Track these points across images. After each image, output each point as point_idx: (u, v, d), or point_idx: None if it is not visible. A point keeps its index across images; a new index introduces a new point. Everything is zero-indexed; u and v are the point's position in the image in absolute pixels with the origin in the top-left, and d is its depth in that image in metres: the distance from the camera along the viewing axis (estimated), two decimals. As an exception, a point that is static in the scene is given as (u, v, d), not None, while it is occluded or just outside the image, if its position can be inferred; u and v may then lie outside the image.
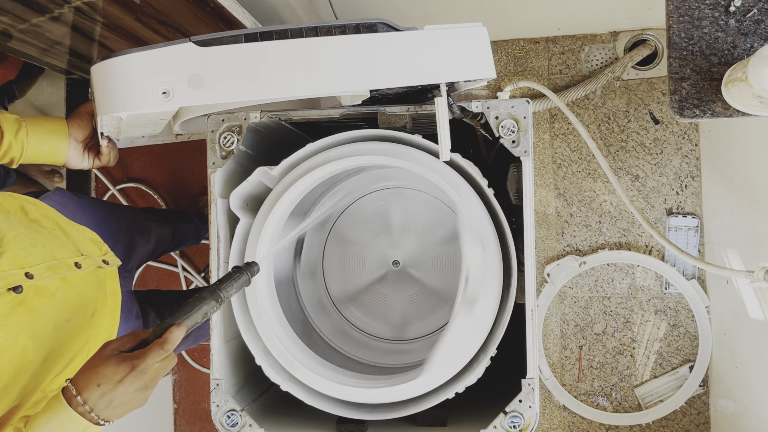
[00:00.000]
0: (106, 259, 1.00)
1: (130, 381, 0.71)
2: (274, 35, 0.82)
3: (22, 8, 1.17)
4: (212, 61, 0.82)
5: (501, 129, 0.97)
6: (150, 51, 0.81)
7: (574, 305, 1.80)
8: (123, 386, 0.71)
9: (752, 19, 0.95)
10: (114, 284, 1.01)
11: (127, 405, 0.73)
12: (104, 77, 0.83)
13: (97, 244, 1.03)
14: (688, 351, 1.73)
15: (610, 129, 1.77)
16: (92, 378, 0.71)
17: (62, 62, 1.56)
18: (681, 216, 1.72)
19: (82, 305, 0.89)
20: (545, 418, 1.81)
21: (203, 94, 0.82)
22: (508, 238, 0.97)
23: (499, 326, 0.97)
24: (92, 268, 0.94)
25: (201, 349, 1.98)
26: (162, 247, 1.47)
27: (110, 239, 1.09)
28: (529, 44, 1.80)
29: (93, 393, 0.70)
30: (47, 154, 1.02)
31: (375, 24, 0.84)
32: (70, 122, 1.04)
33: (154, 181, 2.00)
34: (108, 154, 1.09)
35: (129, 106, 0.82)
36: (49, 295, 0.83)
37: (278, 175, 1.02)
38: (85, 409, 0.70)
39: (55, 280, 0.85)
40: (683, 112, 0.96)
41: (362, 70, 0.84)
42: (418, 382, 0.96)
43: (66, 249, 0.91)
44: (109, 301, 0.98)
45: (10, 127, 0.96)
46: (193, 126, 1.14)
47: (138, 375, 0.72)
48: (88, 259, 0.94)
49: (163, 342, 0.74)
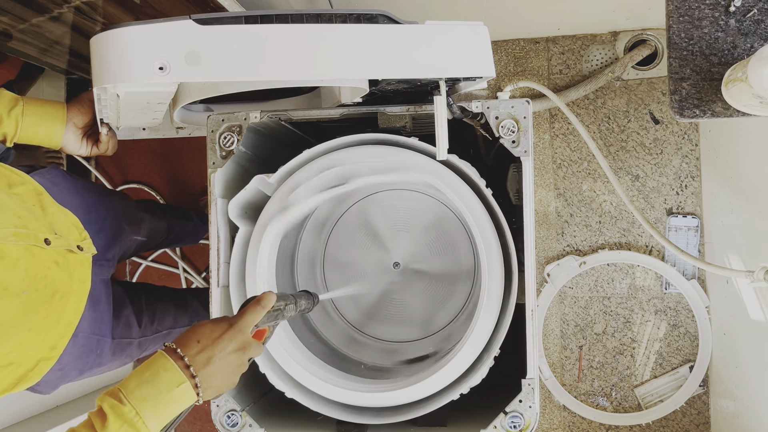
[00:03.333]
0: (81, 245, 0.97)
1: (229, 337, 0.72)
2: (274, 19, 0.83)
3: (22, 8, 1.17)
4: (211, 40, 0.81)
5: (501, 129, 0.96)
6: (149, 25, 0.81)
7: (574, 305, 1.79)
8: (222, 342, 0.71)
9: (752, 19, 0.95)
10: (84, 272, 0.98)
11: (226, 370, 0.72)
12: (102, 48, 0.83)
13: (77, 229, 1.00)
14: (688, 351, 1.73)
15: (610, 129, 1.77)
16: (191, 336, 0.71)
17: (62, 62, 1.56)
18: (681, 216, 1.72)
19: (42, 281, 0.86)
20: (545, 418, 1.81)
21: (200, 72, 0.81)
22: (508, 238, 0.97)
23: (502, 326, 0.97)
24: (62, 249, 0.92)
25: (201, 349, 1.98)
26: (156, 240, 1.45)
27: (96, 224, 1.07)
28: (529, 44, 1.80)
29: (193, 347, 0.70)
30: (42, 136, 1.02)
31: (376, 15, 0.85)
32: (70, 107, 1.04)
33: (154, 182, 2.00)
34: (107, 143, 1.09)
35: (124, 77, 0.82)
36: (10, 261, 0.80)
37: (276, 183, 1.02)
38: (185, 362, 0.69)
39: (19, 247, 0.82)
40: (683, 112, 0.96)
41: (360, 59, 0.84)
42: (422, 385, 0.96)
43: (40, 224, 0.89)
44: (76, 288, 0.95)
45: (5, 104, 0.96)
46: (194, 118, 1.14)
47: (237, 332, 0.73)
48: (60, 239, 0.91)
49: (260, 299, 0.76)
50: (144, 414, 0.66)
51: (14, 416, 1.48)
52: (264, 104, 1.21)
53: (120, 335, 1.10)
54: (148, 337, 1.21)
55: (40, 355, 0.90)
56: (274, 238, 1.02)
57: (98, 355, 1.04)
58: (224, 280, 1.03)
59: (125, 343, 1.12)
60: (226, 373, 0.72)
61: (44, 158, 1.87)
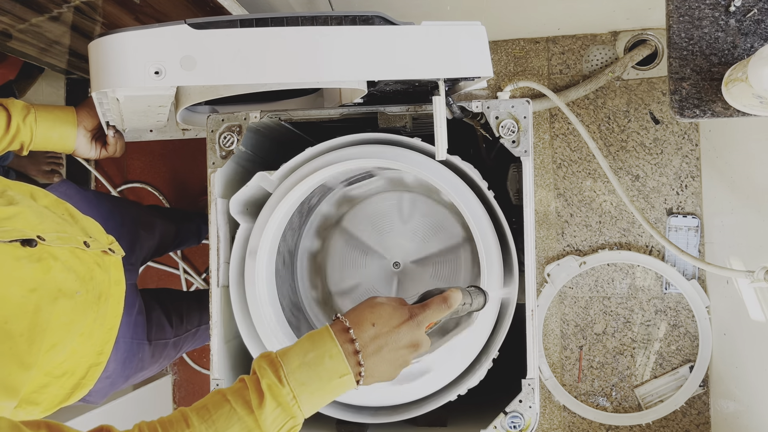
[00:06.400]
0: (112, 248, 0.99)
1: (407, 330, 0.65)
2: (269, 22, 0.83)
3: (22, 8, 1.17)
4: (206, 44, 0.82)
5: (501, 129, 0.96)
6: (145, 30, 0.82)
7: (574, 305, 1.79)
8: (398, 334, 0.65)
9: (752, 19, 0.95)
10: (119, 274, 0.99)
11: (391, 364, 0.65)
12: (98, 54, 0.84)
13: (103, 233, 1.02)
14: (688, 351, 1.73)
15: (610, 129, 1.77)
16: (367, 316, 0.65)
17: (62, 62, 1.56)
18: (681, 216, 1.72)
19: (90, 282, 0.86)
20: (545, 418, 1.81)
21: (195, 76, 0.82)
22: (508, 238, 0.97)
23: (501, 327, 0.97)
24: (99, 251, 0.93)
25: (201, 350, 1.98)
26: (165, 244, 1.47)
27: (114, 232, 1.08)
28: (529, 44, 1.80)
29: (367, 331, 0.64)
30: (56, 141, 1.03)
31: (372, 17, 0.85)
32: (79, 111, 1.06)
33: (154, 182, 2.00)
34: (114, 145, 1.10)
35: (120, 82, 0.83)
36: (61, 262, 0.80)
37: (277, 180, 1.02)
38: (354, 347, 0.63)
39: (65, 250, 0.82)
40: (683, 112, 0.96)
41: (356, 61, 0.84)
42: (418, 385, 0.96)
43: (74, 229, 0.89)
44: (113, 290, 0.96)
45: (18, 112, 0.97)
46: (198, 120, 1.15)
47: (415, 325, 0.66)
48: (95, 242, 0.92)
49: (446, 297, 0.69)
50: (301, 400, 0.61)
51: (15, 416, 1.48)
52: (267, 105, 1.21)
53: (156, 337, 1.12)
54: (181, 336, 1.23)
55: (90, 361, 0.90)
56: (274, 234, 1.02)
57: (140, 359, 1.06)
58: (224, 279, 1.03)
59: (162, 344, 1.14)
60: (393, 366, 0.66)
61: (44, 160, 1.88)
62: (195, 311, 1.31)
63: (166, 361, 1.18)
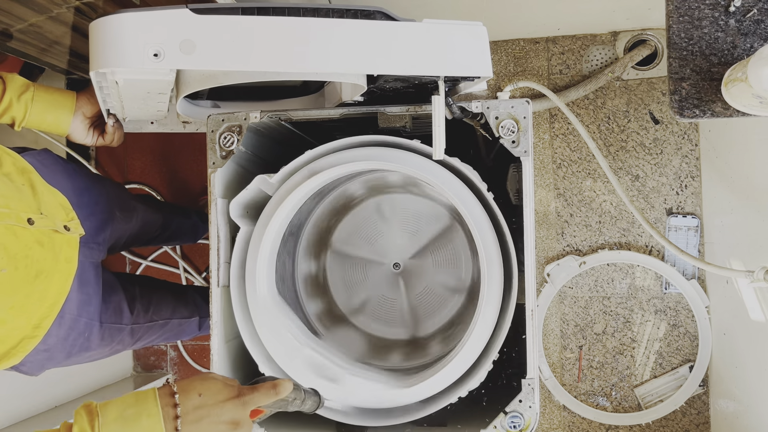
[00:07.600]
0: (68, 226, 0.97)
1: (231, 406, 0.67)
2: (271, 11, 0.84)
3: (22, 8, 1.17)
4: (206, 29, 0.82)
5: (501, 129, 0.96)
6: (146, 12, 0.82)
7: (574, 305, 1.79)
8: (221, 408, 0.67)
9: (752, 19, 0.95)
10: (71, 252, 0.97)
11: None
12: (98, 33, 0.85)
13: (65, 209, 1.00)
14: (688, 351, 1.73)
15: (610, 129, 1.77)
16: (196, 386, 0.67)
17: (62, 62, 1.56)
18: (681, 216, 1.72)
19: (23, 260, 0.85)
20: (545, 418, 1.81)
21: (194, 60, 0.82)
22: (507, 238, 0.97)
23: (502, 328, 0.97)
24: (47, 230, 0.91)
25: (201, 349, 1.98)
26: (150, 233, 1.45)
27: (87, 208, 1.07)
28: (529, 44, 1.80)
29: (192, 399, 0.66)
30: (50, 123, 1.04)
31: (373, 12, 0.85)
32: (80, 96, 1.06)
33: (154, 182, 2.00)
34: (112, 134, 1.11)
35: (119, 62, 0.83)
36: None
37: (277, 183, 1.02)
38: (176, 412, 0.65)
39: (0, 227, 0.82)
40: (683, 112, 0.96)
41: (355, 54, 0.84)
42: (419, 388, 0.96)
43: (25, 204, 0.88)
44: (62, 267, 0.94)
45: (15, 88, 0.98)
46: (199, 113, 1.15)
47: (240, 404, 0.68)
48: (45, 219, 0.91)
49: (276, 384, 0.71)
50: None
51: (14, 416, 1.48)
52: (267, 105, 1.21)
53: (109, 320, 1.10)
54: (141, 325, 1.20)
55: (23, 333, 0.90)
56: (275, 236, 1.02)
57: (86, 339, 1.04)
58: (224, 280, 1.03)
59: (115, 329, 1.11)
60: None
61: None
62: (167, 305, 1.28)
63: (120, 347, 1.15)
